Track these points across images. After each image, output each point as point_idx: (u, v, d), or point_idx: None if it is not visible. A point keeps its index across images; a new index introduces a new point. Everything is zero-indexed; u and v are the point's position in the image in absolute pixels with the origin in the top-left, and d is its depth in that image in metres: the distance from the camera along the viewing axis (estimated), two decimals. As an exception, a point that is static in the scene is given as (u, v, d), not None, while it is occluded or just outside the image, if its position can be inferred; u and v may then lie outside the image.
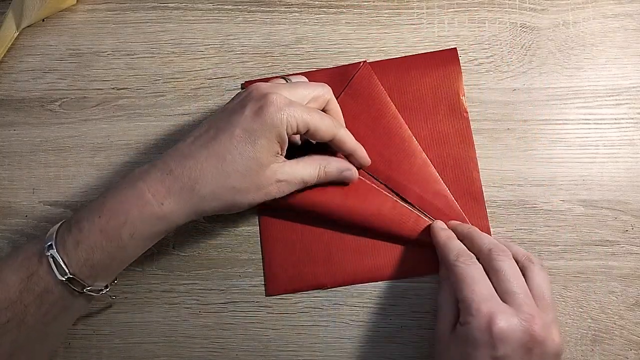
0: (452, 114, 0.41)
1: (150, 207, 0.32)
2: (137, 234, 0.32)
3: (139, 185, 0.32)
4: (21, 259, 0.32)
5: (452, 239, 0.37)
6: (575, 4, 0.43)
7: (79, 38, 0.44)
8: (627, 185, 0.40)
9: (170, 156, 0.33)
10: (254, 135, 0.32)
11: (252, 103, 0.33)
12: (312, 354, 0.39)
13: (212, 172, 0.32)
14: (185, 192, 0.32)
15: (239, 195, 0.33)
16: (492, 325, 0.31)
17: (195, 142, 0.33)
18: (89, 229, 0.32)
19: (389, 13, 0.43)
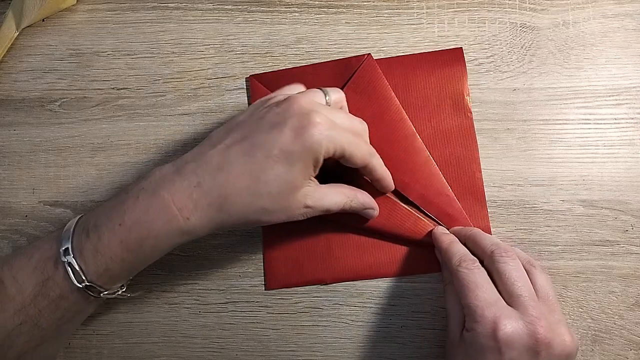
0: (456, 114, 0.41)
1: (176, 222, 0.30)
2: (159, 246, 0.31)
3: (164, 195, 0.30)
4: (36, 260, 0.32)
5: (455, 243, 0.37)
6: (575, 4, 0.43)
7: (79, 38, 0.44)
8: (627, 185, 0.40)
9: (197, 163, 0.31)
10: (292, 158, 0.30)
11: (293, 120, 0.31)
12: (312, 354, 0.39)
13: (244, 191, 0.31)
14: (213, 208, 0.31)
15: (265, 215, 0.32)
16: (497, 331, 0.30)
17: (227, 152, 0.31)
18: (109, 238, 0.30)
19: (389, 13, 0.43)
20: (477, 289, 0.32)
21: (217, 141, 0.32)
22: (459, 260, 0.34)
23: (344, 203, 0.35)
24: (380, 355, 0.39)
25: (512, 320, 0.31)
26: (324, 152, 0.31)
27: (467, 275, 0.33)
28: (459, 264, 0.34)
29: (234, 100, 0.43)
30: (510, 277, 0.33)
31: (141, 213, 0.30)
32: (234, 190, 0.30)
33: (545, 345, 0.31)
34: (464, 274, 0.33)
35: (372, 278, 0.40)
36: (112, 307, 0.40)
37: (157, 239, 0.31)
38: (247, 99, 0.43)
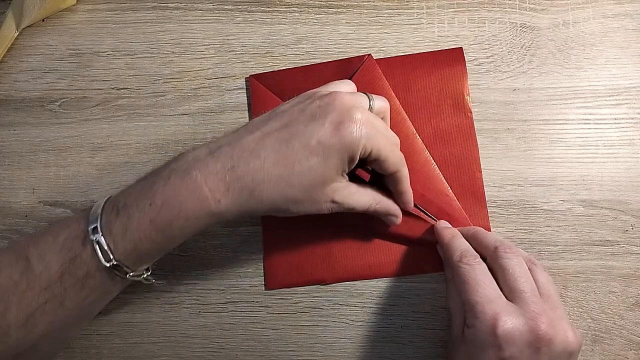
0: (456, 114, 0.41)
1: (206, 204, 0.30)
2: (188, 227, 0.31)
3: (196, 176, 0.30)
4: (63, 239, 0.31)
5: (456, 237, 0.37)
6: (575, 4, 0.43)
7: (79, 38, 0.44)
8: (627, 185, 0.40)
9: (232, 147, 0.31)
10: (329, 152, 0.30)
11: (335, 114, 0.31)
12: (312, 354, 0.39)
13: (277, 179, 0.30)
14: (244, 193, 0.30)
15: (294, 205, 0.32)
16: (497, 327, 0.30)
17: (265, 139, 0.31)
18: (139, 217, 0.30)
19: (389, 13, 0.43)
20: (478, 285, 0.32)
21: (255, 128, 0.32)
22: (460, 255, 0.34)
23: (370, 205, 0.35)
24: (380, 355, 0.39)
25: (512, 317, 0.31)
26: (361, 150, 0.31)
27: (467, 271, 0.33)
28: (460, 260, 0.34)
29: (234, 100, 0.43)
30: (514, 273, 0.33)
31: (172, 193, 0.30)
32: (267, 177, 0.30)
33: (547, 342, 0.30)
34: (464, 269, 0.33)
35: (372, 278, 0.40)
36: (112, 307, 0.40)
37: (187, 220, 0.30)
38: (247, 99, 0.43)
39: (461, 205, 0.40)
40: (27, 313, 0.30)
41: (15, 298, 0.30)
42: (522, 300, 0.32)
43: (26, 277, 0.30)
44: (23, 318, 0.30)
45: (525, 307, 0.31)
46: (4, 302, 0.30)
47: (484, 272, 0.33)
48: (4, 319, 0.30)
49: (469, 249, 0.35)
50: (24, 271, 0.30)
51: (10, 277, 0.31)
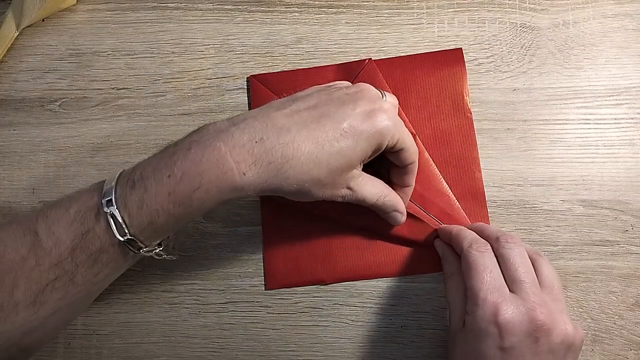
0: (455, 114, 0.41)
1: (230, 175, 0.29)
2: (208, 201, 0.29)
3: (220, 147, 0.28)
4: (74, 211, 0.29)
5: (464, 229, 0.37)
6: (575, 4, 0.43)
7: (79, 38, 0.44)
8: (627, 185, 0.40)
9: (259, 121, 0.30)
10: (359, 136, 0.30)
11: (365, 102, 0.31)
12: (312, 354, 0.39)
13: (306, 157, 0.29)
14: (272, 168, 0.29)
15: (316, 187, 0.31)
16: (497, 316, 0.31)
17: (294, 117, 0.30)
18: (157, 189, 0.28)
19: (389, 13, 0.43)
20: (485, 271, 0.32)
21: (281, 106, 0.31)
22: (470, 242, 0.34)
23: (378, 197, 0.35)
24: (380, 355, 0.39)
25: (513, 306, 0.31)
26: (389, 139, 0.32)
27: (477, 257, 0.33)
28: (470, 246, 0.34)
29: (234, 100, 0.43)
30: (514, 262, 0.33)
31: (193, 164, 0.28)
32: (297, 153, 0.29)
33: (545, 332, 0.30)
34: (475, 255, 0.33)
35: (372, 278, 0.40)
36: (112, 307, 0.40)
37: (208, 192, 0.29)
38: (247, 99, 0.43)
39: (461, 205, 0.40)
40: (36, 290, 0.29)
41: (24, 275, 0.29)
42: (522, 290, 0.32)
43: (35, 252, 0.29)
44: (32, 296, 0.29)
45: (525, 297, 0.31)
46: (11, 280, 0.28)
47: (492, 261, 0.33)
48: (11, 297, 0.28)
49: (479, 238, 0.35)
50: (32, 246, 0.29)
51: (18, 252, 0.29)
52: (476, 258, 0.33)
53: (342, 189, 0.32)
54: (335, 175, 0.31)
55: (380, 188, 0.35)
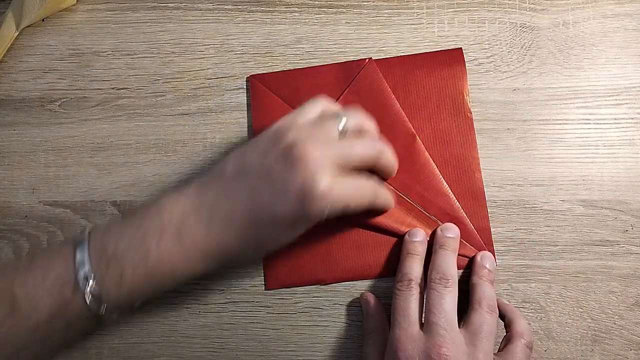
0: (455, 114, 0.41)
1: (195, 266, 0.33)
2: (183, 278, 0.33)
3: (187, 242, 0.32)
4: (51, 281, 0.31)
5: (409, 257, 0.37)
6: (575, 4, 0.43)
7: (79, 38, 0.44)
8: (627, 185, 0.40)
9: (213, 211, 0.33)
10: (296, 225, 0.33)
11: (298, 184, 0.31)
12: (312, 354, 0.39)
13: (249, 249, 0.33)
14: (228, 258, 0.33)
15: (272, 246, 0.34)
16: (397, 352, 0.33)
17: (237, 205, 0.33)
18: (134, 272, 0.31)
19: (389, 13, 0.43)
20: (396, 311, 0.35)
21: (227, 184, 0.33)
22: (399, 279, 0.36)
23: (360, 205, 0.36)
24: (380, 355, 0.39)
25: (413, 344, 0.33)
26: (327, 216, 0.33)
27: (396, 296, 0.36)
28: (395, 283, 0.36)
29: (234, 100, 0.43)
30: (430, 304, 0.34)
31: (166, 254, 0.32)
32: (244, 248, 0.33)
33: None
34: (395, 294, 0.36)
35: (372, 278, 0.40)
36: (112, 307, 0.40)
37: (182, 275, 0.33)
38: (247, 99, 0.43)
39: (461, 205, 0.40)
40: (11, 351, 0.31)
41: (0, 337, 0.30)
42: (430, 331, 0.33)
43: (12, 317, 0.30)
44: (5, 356, 0.31)
45: (429, 337, 0.33)
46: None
47: (407, 300, 0.35)
48: None
49: (407, 274, 0.36)
50: (10, 312, 0.30)
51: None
52: (394, 297, 0.36)
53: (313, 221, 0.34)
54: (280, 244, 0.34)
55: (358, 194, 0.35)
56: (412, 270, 0.36)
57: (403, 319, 0.34)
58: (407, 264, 0.37)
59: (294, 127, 0.34)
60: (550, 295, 0.39)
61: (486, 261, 0.38)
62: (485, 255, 0.38)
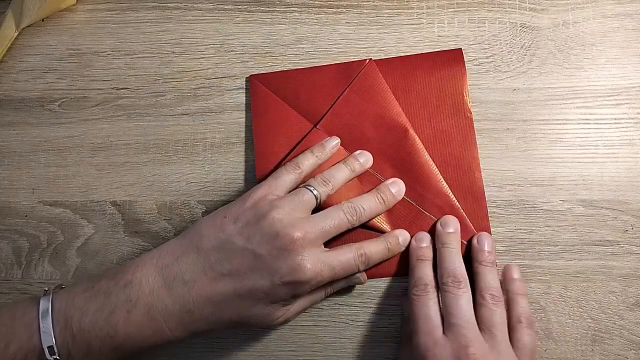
0: (455, 114, 0.41)
1: (166, 337, 0.33)
2: (147, 351, 0.33)
3: (158, 319, 0.32)
4: (14, 349, 0.31)
5: (420, 262, 0.37)
6: (575, 4, 0.43)
7: (79, 38, 0.44)
8: (627, 185, 0.40)
9: (188, 288, 0.32)
10: (277, 298, 0.33)
11: (283, 269, 0.32)
12: (312, 354, 0.39)
13: (230, 324, 0.33)
14: (199, 330, 0.33)
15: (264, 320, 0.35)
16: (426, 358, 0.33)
17: (217, 285, 0.33)
18: (100, 347, 0.31)
19: (389, 13, 0.43)
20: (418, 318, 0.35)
21: (207, 261, 0.33)
22: (413, 284, 0.36)
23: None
24: (380, 355, 0.39)
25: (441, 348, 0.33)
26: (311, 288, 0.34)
27: (413, 302, 0.35)
28: (411, 289, 0.36)
29: (234, 100, 0.43)
30: (449, 308, 0.34)
31: (135, 329, 0.32)
32: (221, 324, 0.33)
33: None
34: (411, 300, 0.36)
35: (372, 278, 0.40)
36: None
37: (153, 345, 0.33)
38: (247, 99, 0.43)
39: (461, 205, 0.40)
40: None
41: None
42: (452, 333, 0.33)
43: None
44: None
45: (453, 338, 0.33)
46: None
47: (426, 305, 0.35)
48: None
49: (420, 279, 0.36)
50: None
51: None
52: (412, 302, 0.35)
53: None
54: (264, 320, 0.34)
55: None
56: (425, 274, 0.37)
57: (425, 324, 0.34)
58: (419, 269, 0.37)
59: (273, 201, 0.35)
60: (550, 295, 0.39)
61: (483, 243, 0.38)
62: (482, 237, 0.38)
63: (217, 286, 0.33)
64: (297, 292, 0.33)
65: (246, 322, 0.34)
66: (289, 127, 0.41)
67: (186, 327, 0.33)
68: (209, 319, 0.33)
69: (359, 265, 0.36)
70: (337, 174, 0.38)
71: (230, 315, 0.33)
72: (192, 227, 0.35)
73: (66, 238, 0.41)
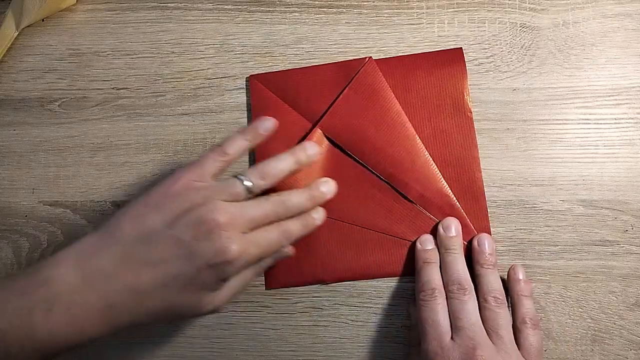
0: (456, 114, 0.41)
1: (88, 333, 0.31)
2: (73, 346, 0.31)
3: (77, 314, 0.30)
4: None
5: (426, 266, 0.37)
6: (575, 4, 0.43)
7: (79, 38, 0.44)
8: (627, 185, 0.40)
9: (108, 279, 0.31)
10: (206, 286, 0.32)
11: (210, 255, 0.31)
12: (312, 354, 0.39)
13: (157, 315, 0.32)
14: (122, 326, 0.32)
15: None
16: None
17: (140, 274, 0.31)
18: (21, 349, 0.30)
19: (389, 13, 0.43)
20: (426, 323, 0.35)
21: (129, 251, 0.32)
22: (419, 288, 0.37)
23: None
24: (380, 355, 0.39)
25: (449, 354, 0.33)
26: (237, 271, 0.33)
27: (421, 306, 0.36)
28: (418, 293, 0.36)
29: (233, 100, 0.43)
30: (455, 312, 0.35)
31: (57, 328, 0.30)
32: (147, 315, 0.32)
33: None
34: (419, 304, 0.36)
35: (372, 278, 0.40)
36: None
37: (79, 343, 0.31)
38: (247, 99, 0.43)
39: (461, 205, 0.40)
40: None
41: None
42: (460, 336, 0.34)
43: None
44: None
45: (460, 342, 0.33)
46: None
47: (434, 310, 0.35)
48: None
49: (429, 282, 0.36)
50: None
51: None
52: (420, 307, 0.36)
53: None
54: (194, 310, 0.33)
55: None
56: (432, 278, 0.37)
57: (434, 330, 0.34)
58: (425, 272, 0.37)
59: (198, 189, 0.33)
60: (550, 295, 0.39)
61: (484, 246, 0.38)
62: (482, 239, 0.38)
63: (140, 276, 0.31)
64: (224, 275, 0.32)
65: (173, 312, 0.32)
66: (289, 127, 0.41)
67: (110, 322, 0.31)
68: (133, 312, 0.31)
69: (282, 241, 0.35)
70: (279, 164, 0.36)
71: (156, 306, 0.32)
72: (112, 218, 0.33)
73: (66, 238, 0.41)
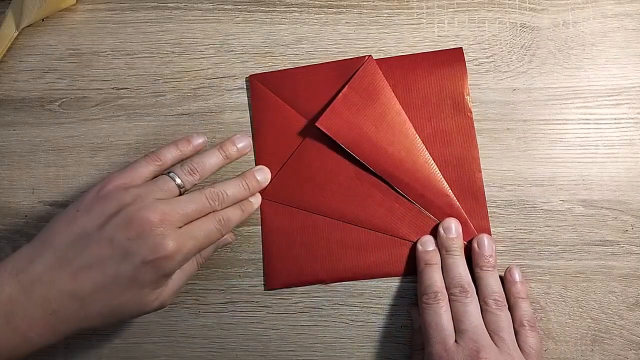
0: (456, 114, 0.41)
1: (37, 345, 0.31)
2: (26, 355, 0.31)
3: (19, 325, 0.30)
4: None
5: (428, 268, 0.37)
6: (575, 4, 0.43)
7: (79, 38, 0.44)
8: (627, 185, 0.40)
9: (48, 287, 0.31)
10: (145, 285, 0.32)
11: (146, 252, 0.31)
12: (312, 354, 0.39)
13: (101, 317, 0.32)
14: (70, 330, 0.32)
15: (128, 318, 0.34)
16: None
17: (80, 279, 0.31)
18: None
19: (389, 13, 0.43)
20: (429, 327, 0.35)
21: (63, 256, 0.32)
22: (422, 292, 0.37)
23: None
24: (380, 355, 0.39)
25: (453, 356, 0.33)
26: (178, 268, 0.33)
27: (424, 310, 0.36)
28: (421, 297, 0.37)
29: (233, 100, 0.43)
30: (458, 314, 0.35)
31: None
32: (92, 319, 0.32)
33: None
34: (422, 308, 0.36)
35: (372, 278, 0.40)
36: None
37: (25, 353, 0.31)
38: (247, 99, 0.43)
39: (461, 205, 0.40)
40: None
41: None
42: (463, 339, 0.34)
43: None
44: None
45: (464, 345, 0.34)
46: None
47: (437, 313, 0.35)
48: None
49: (431, 286, 0.36)
50: None
51: None
52: (423, 311, 0.36)
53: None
54: (140, 309, 0.33)
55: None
56: (434, 281, 0.37)
57: (438, 333, 0.35)
58: (427, 275, 0.37)
59: (128, 189, 0.33)
60: (550, 295, 0.39)
61: (483, 247, 0.38)
62: (482, 240, 0.38)
63: (79, 280, 0.31)
64: (164, 270, 0.32)
65: (119, 312, 0.32)
66: (289, 127, 0.41)
67: (55, 329, 0.31)
68: (77, 316, 0.31)
69: (220, 229, 0.35)
70: (208, 160, 0.36)
71: (99, 308, 0.31)
72: (45, 227, 0.33)
73: None
